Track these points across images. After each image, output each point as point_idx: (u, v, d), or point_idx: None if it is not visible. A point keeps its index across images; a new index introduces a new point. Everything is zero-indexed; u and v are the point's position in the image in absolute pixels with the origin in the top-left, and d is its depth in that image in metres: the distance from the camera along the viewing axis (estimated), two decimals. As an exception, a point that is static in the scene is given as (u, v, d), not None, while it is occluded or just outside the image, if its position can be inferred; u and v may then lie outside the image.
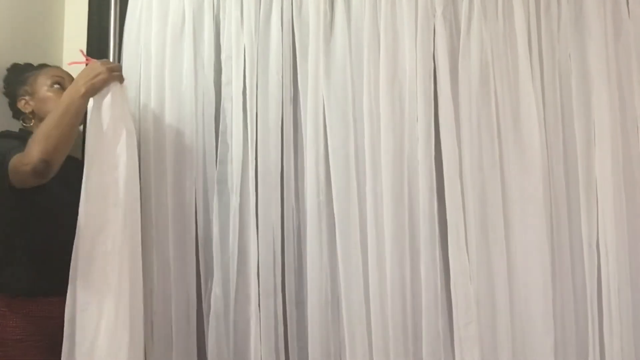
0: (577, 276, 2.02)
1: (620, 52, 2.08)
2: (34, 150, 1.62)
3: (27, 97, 1.90)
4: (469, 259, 1.98)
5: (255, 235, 1.99)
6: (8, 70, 1.97)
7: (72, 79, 1.86)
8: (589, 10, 2.08)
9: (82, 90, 1.70)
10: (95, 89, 1.72)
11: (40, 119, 1.84)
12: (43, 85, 1.90)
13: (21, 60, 2.01)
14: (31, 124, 1.90)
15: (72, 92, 1.71)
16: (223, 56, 2.06)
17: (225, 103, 2.06)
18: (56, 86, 1.89)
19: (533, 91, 2.03)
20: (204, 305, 2.01)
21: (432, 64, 2.04)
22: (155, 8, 2.03)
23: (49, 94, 1.88)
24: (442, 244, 1.99)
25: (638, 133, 2.05)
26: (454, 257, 1.97)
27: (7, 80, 1.96)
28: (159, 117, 2.00)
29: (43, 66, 1.98)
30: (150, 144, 1.99)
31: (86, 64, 1.82)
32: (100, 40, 2.12)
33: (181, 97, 2.02)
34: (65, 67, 2.21)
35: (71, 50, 2.24)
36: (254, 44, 2.05)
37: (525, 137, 2.02)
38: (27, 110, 1.90)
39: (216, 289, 1.98)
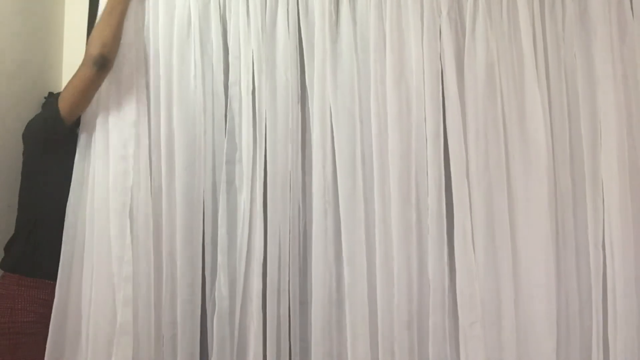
0: (582, 277, 2.02)
1: (625, 52, 2.08)
2: (92, 48, 1.87)
3: None
4: (475, 259, 1.98)
5: (262, 235, 1.99)
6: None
7: None
8: (593, 10, 2.08)
9: None
10: None
11: None
12: None
13: (21, 61, 2.01)
14: None
15: None
16: (230, 56, 2.06)
17: (233, 103, 2.05)
18: None
19: (539, 91, 2.03)
20: (209, 305, 2.00)
21: (439, 64, 2.04)
22: (161, 9, 2.02)
23: None
24: (448, 244, 1.99)
25: (644, 133, 2.05)
26: (460, 257, 1.97)
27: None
28: (168, 118, 1.99)
29: None
30: (160, 145, 1.98)
31: None
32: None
33: (190, 98, 2.02)
34: (66, 67, 2.27)
35: (71, 51, 2.24)
36: (261, 44, 2.04)
37: (531, 137, 2.03)
38: None
39: (222, 289, 1.97)
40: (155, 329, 1.93)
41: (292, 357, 2.01)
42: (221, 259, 1.98)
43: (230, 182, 2.02)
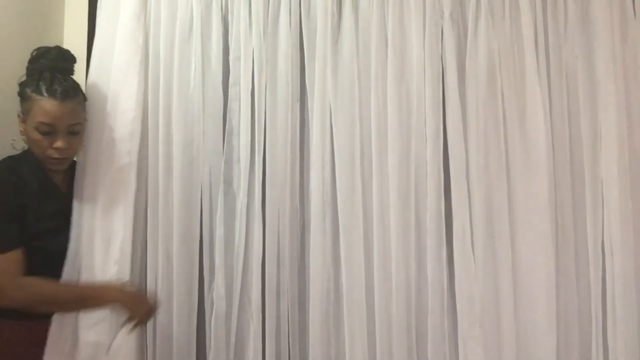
0: (582, 277, 2.02)
1: (626, 53, 2.08)
2: (21, 295, 1.59)
3: (22, 116, 1.76)
4: (474, 260, 1.98)
5: (261, 236, 1.99)
6: (33, 55, 1.81)
7: (68, 119, 1.71)
8: (595, 11, 2.07)
9: (113, 306, 1.70)
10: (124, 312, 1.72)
11: (30, 145, 1.75)
12: (33, 121, 1.70)
13: (21, 61, 1.96)
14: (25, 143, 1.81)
15: (108, 297, 1.69)
16: (231, 57, 2.05)
17: (232, 104, 2.05)
18: (42, 134, 1.70)
19: (540, 92, 2.02)
20: (206, 306, 2.01)
21: (440, 65, 2.04)
22: (163, 9, 2.02)
23: (35, 136, 1.71)
24: (447, 245, 1.99)
25: (644, 134, 2.05)
26: (459, 258, 1.97)
27: (27, 69, 1.81)
28: (167, 117, 1.99)
29: (49, 87, 1.72)
30: (159, 144, 1.98)
31: None
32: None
33: (189, 98, 2.02)
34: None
35: (71, 51, 2.24)
36: (262, 45, 2.04)
37: (531, 138, 2.02)
38: (20, 129, 1.77)
39: (219, 290, 1.97)
40: (153, 329, 1.94)
41: (291, 358, 2.01)
42: (219, 259, 1.99)
43: (229, 182, 2.02)
